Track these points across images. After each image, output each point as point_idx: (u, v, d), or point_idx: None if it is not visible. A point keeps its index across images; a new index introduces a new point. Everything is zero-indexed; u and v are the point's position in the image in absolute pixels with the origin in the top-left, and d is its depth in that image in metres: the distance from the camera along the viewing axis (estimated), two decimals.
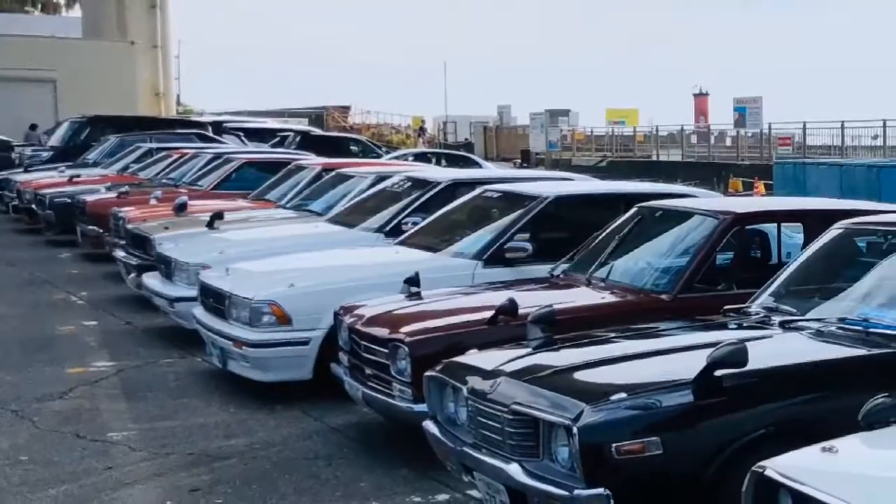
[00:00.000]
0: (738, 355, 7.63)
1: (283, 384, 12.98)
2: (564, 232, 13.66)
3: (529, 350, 8.95)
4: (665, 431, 7.49)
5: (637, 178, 42.99)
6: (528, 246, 13.39)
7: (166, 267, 16.88)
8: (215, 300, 13.90)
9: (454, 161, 37.49)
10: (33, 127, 53.88)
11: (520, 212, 14.00)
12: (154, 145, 35.49)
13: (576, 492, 7.38)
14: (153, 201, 23.33)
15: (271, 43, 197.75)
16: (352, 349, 11.49)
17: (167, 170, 30.72)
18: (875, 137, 53.02)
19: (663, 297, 11.17)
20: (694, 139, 71.02)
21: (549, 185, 15.47)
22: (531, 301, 10.57)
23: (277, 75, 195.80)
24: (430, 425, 9.12)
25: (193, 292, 15.04)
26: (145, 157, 34.11)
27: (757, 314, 9.55)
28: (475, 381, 8.52)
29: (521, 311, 10.24)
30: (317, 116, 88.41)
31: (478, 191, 15.76)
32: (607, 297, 11.48)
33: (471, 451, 8.38)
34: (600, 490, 7.31)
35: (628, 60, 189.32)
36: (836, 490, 5.67)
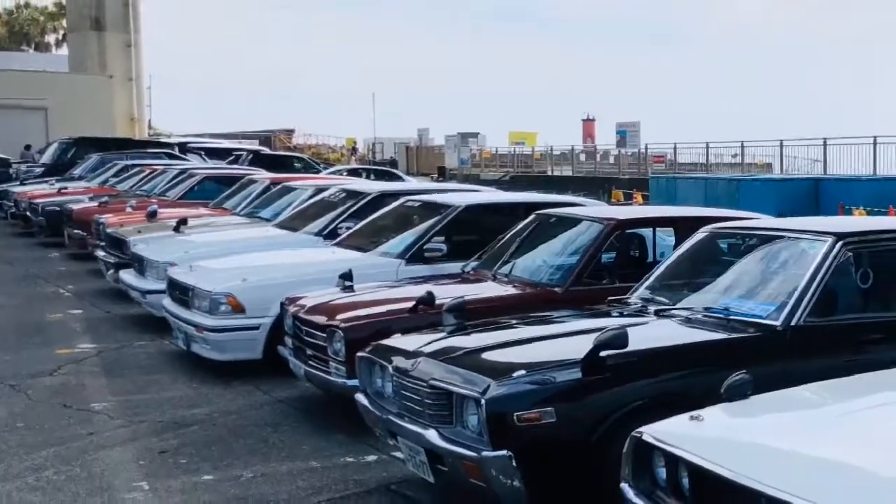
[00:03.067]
0: (619, 339, 7.67)
1: (238, 363, 12.99)
2: (473, 235, 13.63)
3: (444, 334, 8.91)
4: (558, 402, 7.51)
5: (535, 190, 42.97)
6: (443, 247, 13.42)
7: (139, 264, 16.88)
8: (181, 292, 13.89)
9: (381, 175, 37.54)
10: (28, 147, 53.61)
11: (436, 218, 14.01)
12: (129, 162, 35.35)
13: (483, 453, 7.41)
14: (129, 209, 23.13)
15: (228, 75, 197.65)
16: (295, 333, 11.48)
17: (140, 183, 30.62)
18: (734, 156, 53.41)
19: (557, 289, 11.15)
20: (583, 157, 71.15)
21: (461, 196, 15.44)
22: (446, 293, 10.63)
23: (233, 103, 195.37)
24: (360, 397, 9.10)
25: (162, 286, 15.04)
26: (122, 173, 33.89)
27: (636, 304, 9.58)
28: (399, 361, 8.55)
29: (437, 302, 10.24)
30: (266, 138, 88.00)
31: (401, 201, 15.78)
32: (510, 290, 11.47)
33: (395, 419, 8.39)
34: (504, 452, 7.32)
35: (529, 91, 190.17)
36: (702, 451, 5.73)
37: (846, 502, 4.83)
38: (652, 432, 6.12)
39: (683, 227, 11.68)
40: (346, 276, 11.92)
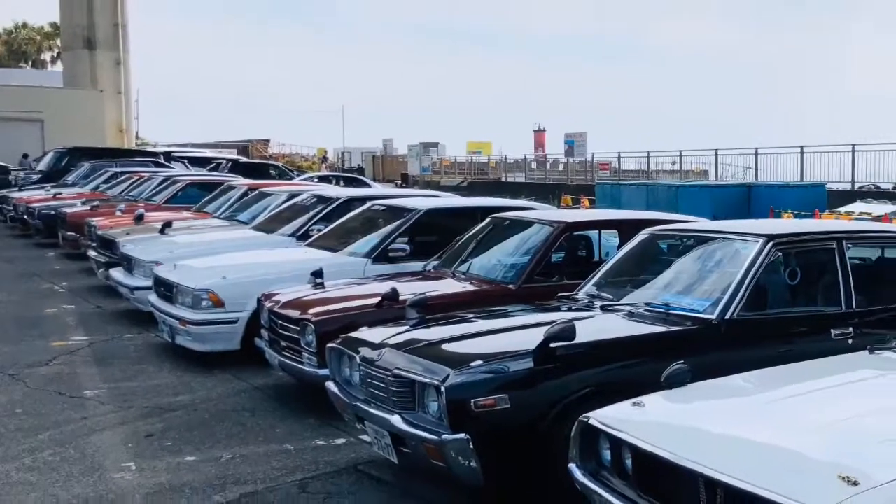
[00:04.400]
0: (567, 331, 7.66)
1: (218, 354, 12.96)
2: (434, 236, 13.60)
3: (407, 327, 8.87)
4: (512, 390, 7.49)
5: (490, 195, 42.97)
6: (407, 247, 13.38)
7: (128, 263, 16.84)
8: (166, 289, 13.81)
9: (349, 182, 37.28)
10: (25, 156, 53.58)
11: (399, 221, 13.98)
12: (118, 169, 35.14)
13: (443, 436, 7.40)
14: (118, 213, 23.04)
15: (210, 90, 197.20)
16: (270, 327, 11.43)
17: (129, 188, 30.37)
18: (673, 163, 53.58)
19: (510, 286, 11.13)
20: (534, 165, 71.19)
21: (422, 201, 15.40)
22: (409, 290, 10.59)
23: (214, 115, 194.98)
24: (331, 385, 9.06)
25: (149, 283, 14.95)
26: (112, 179, 33.69)
27: (583, 300, 9.55)
28: (366, 351, 8.53)
29: (401, 298, 10.21)
30: (244, 147, 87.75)
31: (367, 205, 15.75)
32: (467, 287, 11.42)
33: (362, 405, 8.36)
34: (462, 435, 7.32)
35: (485, 104, 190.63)
36: (643, 435, 5.75)
37: (775, 482, 4.81)
38: (598, 417, 6.13)
39: (627, 229, 11.69)
40: (318, 274, 11.90)
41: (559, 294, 10.02)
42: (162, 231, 18.36)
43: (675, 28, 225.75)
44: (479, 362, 7.67)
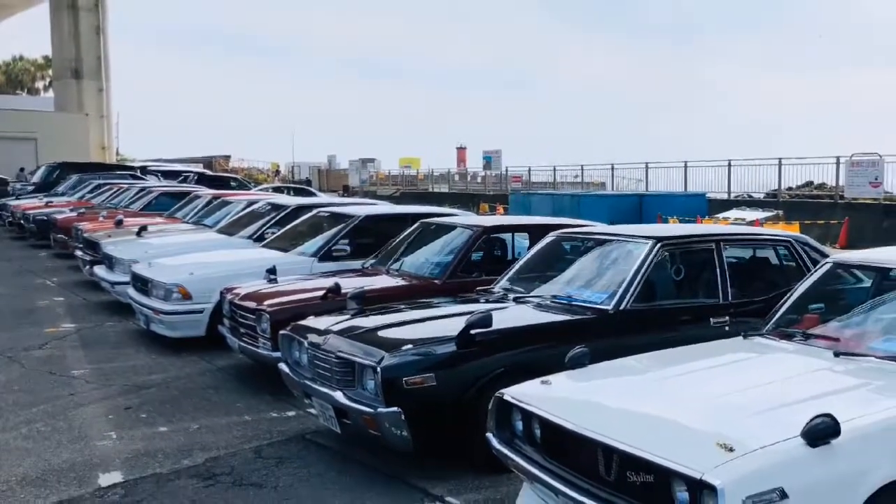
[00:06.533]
0: (485, 320, 7.66)
1: (186, 339, 12.93)
2: (371, 239, 13.55)
3: (348, 316, 8.84)
4: (438, 370, 7.47)
5: (419, 203, 42.92)
6: (348, 248, 13.38)
7: (109, 262, 16.76)
8: (142, 283, 13.79)
9: (298, 192, 37.08)
10: (22, 170, 53.41)
11: (342, 225, 13.94)
12: (101, 181, 35.07)
13: (378, 409, 7.39)
14: (101, 218, 23.15)
15: (179, 112, 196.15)
16: (231, 316, 11.35)
17: (110, 198, 30.23)
18: (576, 176, 53.63)
19: (436, 281, 11.09)
20: (457, 178, 70.93)
21: (361, 208, 15.36)
22: (350, 284, 10.61)
23: (183, 134, 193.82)
24: (283, 366, 9.02)
25: (127, 278, 14.94)
26: (96, 190, 33.54)
27: (498, 293, 9.53)
28: (313, 337, 8.50)
29: (343, 291, 10.20)
30: (208, 162, 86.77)
31: (314, 212, 15.71)
32: (400, 282, 11.37)
33: (310, 383, 8.34)
34: (395, 408, 7.33)
35: (414, 125, 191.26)
36: (550, 408, 5.74)
37: (663, 448, 4.82)
38: (511, 393, 6.11)
39: (536, 232, 11.68)
40: (272, 271, 11.88)
41: (478, 288, 10.04)
42: (138, 234, 18.42)
43: (572, 62, 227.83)
44: (410, 346, 7.67)
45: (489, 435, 6.22)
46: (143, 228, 18.81)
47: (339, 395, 7.81)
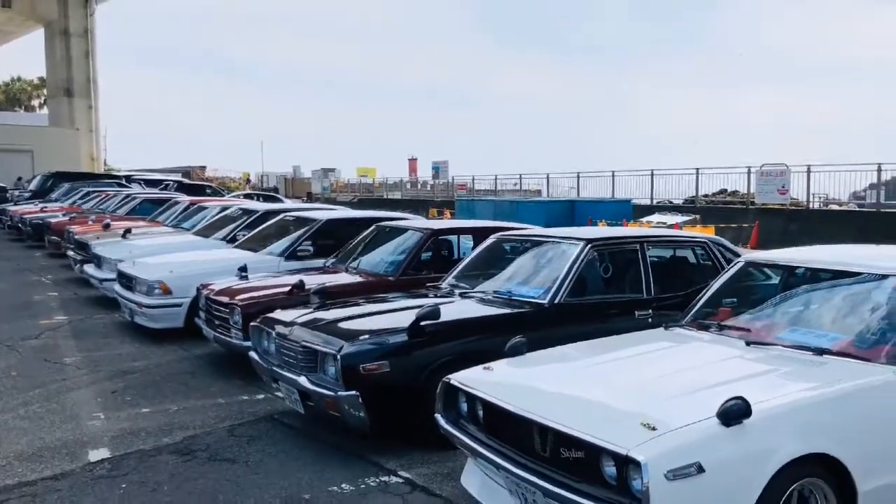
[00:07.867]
0: (434, 313, 7.68)
1: (167, 330, 12.91)
2: (332, 240, 13.50)
3: (311, 310, 8.81)
4: (391, 357, 7.46)
5: (375, 208, 42.85)
6: (311, 248, 13.36)
7: (97, 261, 16.77)
8: (127, 280, 13.76)
9: (267, 199, 36.91)
10: (19, 179, 53.50)
11: (306, 228, 13.93)
12: (90, 189, 35.06)
13: (338, 393, 7.38)
14: (90, 222, 23.14)
15: (160, 126, 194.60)
16: (207, 309, 11.27)
17: (98, 203, 30.33)
18: (515, 184, 53.72)
19: (390, 278, 11.04)
20: (408, 186, 70.82)
21: (323, 213, 15.30)
22: (313, 281, 10.64)
23: (163, 146, 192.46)
24: (253, 354, 8.97)
25: (114, 275, 14.92)
26: (86, 196, 33.60)
27: (446, 289, 9.50)
28: (280, 328, 8.47)
29: (306, 287, 10.24)
30: (186, 172, 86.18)
31: (281, 216, 15.69)
32: (357, 279, 11.30)
33: (277, 369, 8.29)
34: (353, 392, 7.32)
35: (371, 138, 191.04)
36: (491, 392, 5.73)
37: (592, 427, 4.81)
38: (457, 378, 6.11)
39: (479, 234, 11.70)
40: (243, 269, 11.84)
41: (428, 284, 10.05)
42: (124, 236, 18.39)
43: (509, 80, 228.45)
44: (366, 336, 7.65)
45: (437, 416, 6.18)
46: (128, 231, 18.80)
47: (303, 380, 7.78)
